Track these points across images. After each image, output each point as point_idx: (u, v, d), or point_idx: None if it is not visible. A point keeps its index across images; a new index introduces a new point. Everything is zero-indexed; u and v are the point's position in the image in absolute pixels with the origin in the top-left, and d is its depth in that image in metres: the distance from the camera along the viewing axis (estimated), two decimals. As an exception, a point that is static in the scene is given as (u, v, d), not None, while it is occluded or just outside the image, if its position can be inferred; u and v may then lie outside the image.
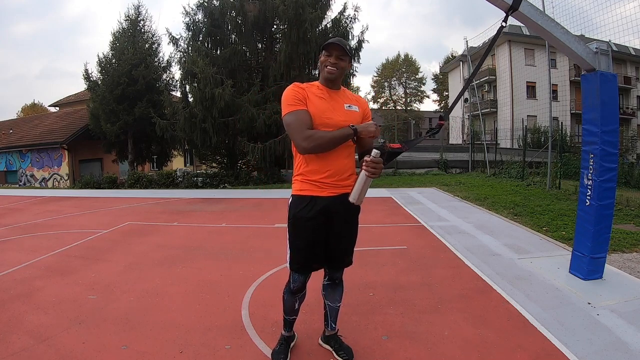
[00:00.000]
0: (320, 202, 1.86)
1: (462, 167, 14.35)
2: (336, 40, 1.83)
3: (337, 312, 2.17)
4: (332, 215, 1.89)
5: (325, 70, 1.85)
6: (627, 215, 5.76)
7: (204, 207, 8.05)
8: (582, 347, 2.17)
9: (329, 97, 1.87)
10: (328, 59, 1.83)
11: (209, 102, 11.20)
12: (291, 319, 2.15)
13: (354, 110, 1.91)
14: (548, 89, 9.19)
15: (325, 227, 1.90)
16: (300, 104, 1.80)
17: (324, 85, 1.90)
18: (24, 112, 38.54)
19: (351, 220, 1.98)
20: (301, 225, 1.89)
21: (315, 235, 1.89)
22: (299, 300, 2.08)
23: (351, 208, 1.90)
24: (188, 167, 20.72)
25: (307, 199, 1.87)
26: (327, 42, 1.84)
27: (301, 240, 1.90)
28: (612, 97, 3.05)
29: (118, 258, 4.22)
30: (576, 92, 20.20)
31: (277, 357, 2.10)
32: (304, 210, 1.87)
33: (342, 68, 1.85)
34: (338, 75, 1.86)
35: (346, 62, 1.86)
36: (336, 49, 1.82)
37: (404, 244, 4.52)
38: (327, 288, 2.12)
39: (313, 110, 1.80)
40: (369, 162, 1.65)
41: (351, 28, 12.82)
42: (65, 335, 2.43)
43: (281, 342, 2.17)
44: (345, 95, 1.94)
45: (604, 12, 7.86)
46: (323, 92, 1.88)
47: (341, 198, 1.86)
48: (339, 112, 1.86)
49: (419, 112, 45.08)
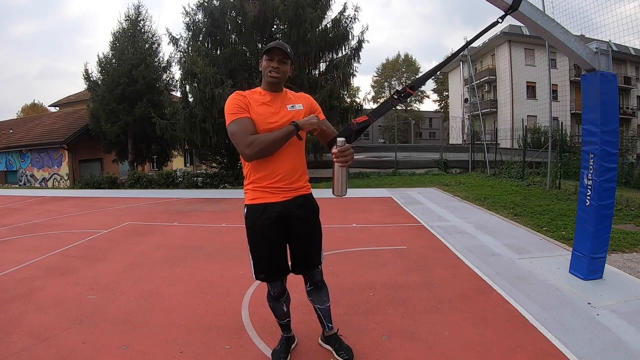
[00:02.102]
0: (276, 208, 1.85)
1: (462, 167, 14.35)
2: (277, 44, 1.82)
3: (329, 312, 2.15)
4: (290, 219, 1.87)
5: (268, 75, 1.83)
6: (627, 215, 5.75)
7: (204, 207, 8.05)
8: (582, 347, 2.17)
9: (271, 101, 1.86)
10: (270, 63, 1.82)
11: (209, 102, 11.19)
12: (285, 322, 2.15)
13: (298, 109, 1.88)
14: (548, 89, 9.19)
15: (285, 232, 1.90)
16: (242, 111, 1.79)
17: (266, 90, 1.90)
18: (24, 112, 38.54)
19: (311, 221, 1.95)
20: (259, 234, 1.87)
21: (275, 242, 1.89)
22: (285, 303, 2.08)
23: (309, 209, 1.93)
24: (188, 167, 20.71)
25: (261, 207, 1.85)
26: (268, 46, 1.83)
27: (262, 250, 1.89)
28: (612, 97, 3.05)
29: (118, 258, 4.22)
30: (576, 92, 20.20)
31: (277, 356, 2.10)
32: (260, 219, 1.85)
33: (285, 72, 1.85)
34: (281, 80, 1.86)
35: (288, 66, 1.86)
36: (278, 54, 1.81)
37: (404, 244, 4.52)
38: (312, 293, 2.09)
39: (255, 117, 1.79)
40: (337, 153, 1.67)
41: (351, 28, 12.80)
42: (65, 335, 2.43)
43: (282, 342, 2.18)
44: (287, 97, 1.93)
45: (604, 12, 7.85)
46: (265, 96, 1.87)
47: (296, 201, 1.87)
48: (282, 114, 1.84)
49: (419, 112, 45.08)
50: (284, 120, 1.83)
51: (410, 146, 21.58)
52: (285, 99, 1.92)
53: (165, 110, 13.33)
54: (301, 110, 1.90)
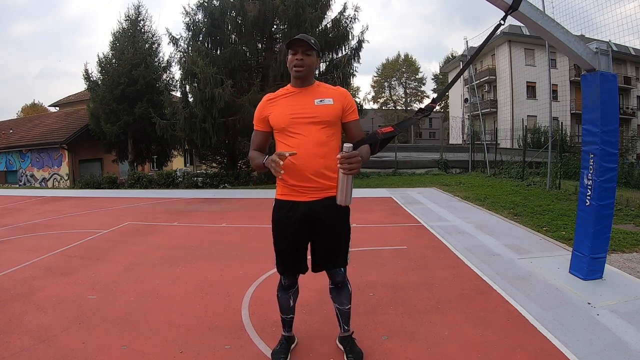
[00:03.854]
0: (302, 207, 1.83)
1: (462, 167, 14.35)
2: (300, 36, 1.77)
3: (347, 315, 2.12)
4: (315, 219, 1.84)
5: (293, 70, 1.79)
6: (627, 215, 5.75)
7: (204, 207, 8.05)
8: (582, 347, 2.17)
9: (297, 96, 1.84)
10: (294, 57, 1.77)
11: (209, 102, 11.19)
12: (288, 318, 2.13)
13: (326, 104, 1.81)
14: (548, 89, 9.19)
15: (309, 231, 1.87)
16: (258, 123, 1.93)
17: (294, 87, 1.87)
18: (24, 112, 38.55)
19: (336, 223, 1.90)
20: (282, 230, 1.88)
21: (297, 240, 1.87)
22: (292, 296, 2.07)
23: (336, 211, 1.83)
24: (188, 167, 20.72)
25: (288, 204, 1.85)
26: (290, 39, 1.78)
27: (283, 245, 1.90)
28: (612, 97, 3.04)
29: (118, 258, 4.22)
30: (576, 92, 20.20)
31: (276, 356, 2.09)
32: (284, 216, 1.86)
33: (310, 64, 1.79)
34: (307, 73, 1.80)
35: (313, 57, 1.80)
36: (301, 45, 1.75)
37: (404, 244, 4.52)
38: (332, 292, 2.09)
39: (276, 117, 1.83)
40: (341, 159, 1.58)
41: (351, 28, 12.80)
42: (65, 335, 2.43)
43: (282, 342, 2.16)
44: (317, 90, 1.86)
45: (604, 12, 7.87)
46: (292, 93, 1.86)
47: (324, 202, 1.82)
48: (308, 109, 1.80)
49: (419, 112, 44.90)
50: (310, 114, 1.78)
51: (410, 146, 21.60)
52: (314, 92, 1.85)
53: (165, 110, 13.33)
54: (331, 105, 1.82)
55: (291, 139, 1.80)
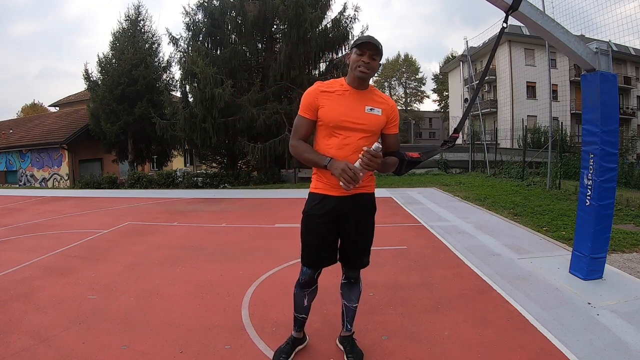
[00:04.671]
0: (332, 201, 1.85)
1: (462, 167, 14.36)
2: (370, 39, 1.75)
3: (353, 313, 2.13)
4: (344, 215, 1.87)
5: (357, 70, 1.76)
6: (627, 215, 5.75)
7: (204, 207, 8.05)
8: (582, 347, 2.17)
9: (351, 97, 1.82)
10: (361, 58, 1.75)
11: (209, 102, 11.20)
12: (301, 317, 2.11)
13: (375, 114, 1.82)
14: (548, 89, 9.19)
15: (337, 226, 1.89)
16: (306, 111, 1.83)
17: (349, 85, 1.84)
18: (24, 112, 38.53)
19: (364, 221, 1.93)
20: (312, 222, 1.90)
21: (325, 233, 1.89)
22: (308, 296, 2.04)
23: (365, 209, 1.91)
24: (188, 167, 20.72)
25: (319, 197, 1.88)
26: (360, 40, 1.76)
27: (311, 237, 1.91)
28: (612, 97, 3.04)
29: (118, 258, 4.22)
30: (576, 92, 20.19)
31: (278, 355, 2.07)
32: (315, 208, 1.88)
33: (374, 69, 1.78)
34: (370, 75, 1.79)
35: (378, 62, 1.80)
36: (370, 48, 1.74)
37: (404, 244, 4.52)
38: (343, 287, 2.09)
39: (328, 113, 1.79)
40: (365, 152, 1.62)
41: (351, 28, 12.84)
42: (65, 335, 2.43)
43: (288, 342, 2.14)
44: (370, 97, 1.85)
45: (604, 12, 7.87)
46: (346, 91, 1.83)
47: (354, 199, 1.86)
48: (358, 115, 1.79)
49: (419, 112, 45.06)
50: (359, 121, 1.79)
51: (410, 146, 21.56)
52: (367, 98, 1.84)
53: (165, 110, 13.35)
54: (379, 117, 1.83)
55: (333, 138, 1.82)
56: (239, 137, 12.09)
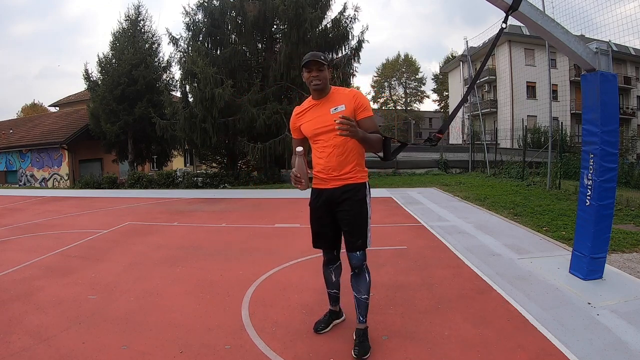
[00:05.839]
0: (325, 193, 2.17)
1: (462, 167, 14.36)
2: (310, 57, 2.03)
3: (364, 305, 2.20)
4: (334, 203, 2.15)
5: (312, 85, 2.07)
6: (627, 215, 5.75)
7: (204, 207, 8.05)
8: (582, 347, 2.17)
9: (318, 108, 2.13)
10: (310, 74, 2.05)
11: (209, 102, 11.19)
12: (332, 292, 2.41)
13: (340, 112, 2.04)
14: (548, 89, 9.20)
15: (333, 214, 2.18)
16: (294, 133, 2.28)
17: (314, 99, 2.15)
18: (24, 112, 38.55)
19: (351, 206, 2.13)
20: (312, 213, 2.27)
21: (322, 221, 2.22)
22: (334, 272, 2.35)
23: (352, 197, 2.14)
24: (188, 167, 20.72)
25: (316, 191, 2.23)
26: (304, 60, 2.04)
27: (313, 225, 2.28)
28: (612, 97, 3.04)
29: (118, 258, 4.22)
30: (576, 92, 20.19)
31: (317, 325, 2.39)
32: (314, 201, 2.24)
33: (325, 77, 2.06)
34: (323, 86, 2.08)
35: (326, 71, 2.06)
36: (313, 64, 2.03)
37: (404, 244, 4.52)
38: (351, 279, 2.23)
39: (305, 128, 2.17)
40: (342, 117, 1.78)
41: (351, 28, 12.82)
42: (65, 335, 2.43)
43: (326, 314, 2.45)
44: (332, 99, 2.11)
45: (604, 12, 7.87)
46: (314, 105, 2.15)
47: (343, 189, 2.13)
48: (325, 119, 2.07)
49: (419, 112, 45.09)
50: (328, 123, 2.03)
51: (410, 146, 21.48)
52: (330, 101, 2.11)
53: (165, 110, 13.34)
54: (343, 112, 2.03)
55: (316, 144, 2.17)
56: (239, 137, 12.09)
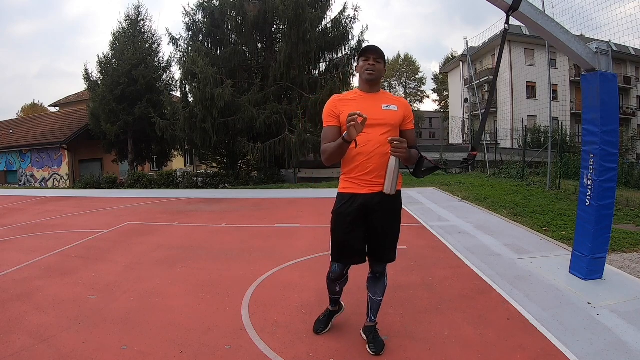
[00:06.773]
0: (359, 199, 2.00)
1: (462, 167, 14.34)
2: (372, 46, 2.00)
3: (377, 306, 2.24)
4: (371, 211, 2.00)
5: (365, 73, 1.99)
6: (627, 215, 5.75)
7: (204, 207, 8.05)
8: (582, 347, 2.17)
9: (366, 100, 2.01)
10: (366, 62, 1.98)
11: (209, 102, 11.19)
12: (334, 297, 2.37)
13: (392, 110, 2.01)
14: (548, 89, 9.19)
15: (365, 222, 2.03)
16: (331, 119, 2.03)
17: (362, 91, 2.06)
18: (24, 112, 38.52)
19: (390, 217, 2.05)
20: (341, 220, 2.05)
21: (353, 230, 2.02)
22: (339, 285, 2.27)
23: (390, 205, 2.03)
24: (188, 167, 20.71)
25: (347, 196, 2.03)
26: (363, 48, 2.00)
27: (340, 234, 2.06)
28: (612, 97, 3.04)
29: (118, 258, 4.22)
30: (576, 92, 20.19)
31: (317, 326, 2.37)
32: (344, 206, 2.03)
33: (380, 70, 2.00)
34: (377, 77, 2.01)
35: (382, 65, 2.01)
36: (373, 53, 1.98)
37: (404, 244, 4.50)
38: (369, 280, 2.22)
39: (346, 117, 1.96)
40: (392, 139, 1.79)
41: (351, 28, 12.81)
42: (65, 335, 2.43)
43: (325, 313, 2.44)
44: (384, 97, 2.07)
45: (604, 12, 7.85)
46: (361, 97, 2.04)
47: (381, 195, 1.98)
48: (375, 112, 1.95)
49: (419, 112, 45.05)
50: (378, 116, 1.95)
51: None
52: (381, 99, 2.04)
53: (165, 110, 13.33)
54: (395, 112, 2.01)
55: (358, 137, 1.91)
56: (239, 137, 12.08)
